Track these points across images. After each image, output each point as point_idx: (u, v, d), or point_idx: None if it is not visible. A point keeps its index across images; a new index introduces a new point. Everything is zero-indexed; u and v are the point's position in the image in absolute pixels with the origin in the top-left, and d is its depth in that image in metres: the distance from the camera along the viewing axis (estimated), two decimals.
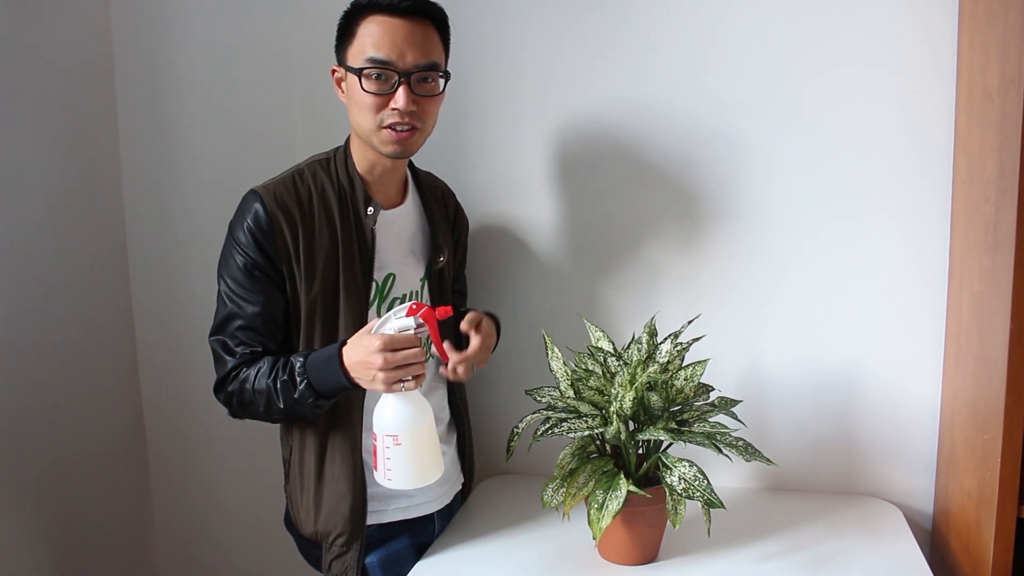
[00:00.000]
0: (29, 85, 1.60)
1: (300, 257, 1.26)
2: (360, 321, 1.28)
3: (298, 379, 1.20)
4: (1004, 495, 1.18)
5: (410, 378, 1.15)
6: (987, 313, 1.26)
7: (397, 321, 1.16)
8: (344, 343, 1.20)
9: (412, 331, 1.15)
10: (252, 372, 1.24)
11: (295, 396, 1.20)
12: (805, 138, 1.51)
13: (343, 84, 1.27)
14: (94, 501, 1.77)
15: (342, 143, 1.35)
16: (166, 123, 1.79)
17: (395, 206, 1.36)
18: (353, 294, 1.28)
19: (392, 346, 1.13)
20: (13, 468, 1.57)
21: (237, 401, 1.26)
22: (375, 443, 1.18)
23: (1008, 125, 1.16)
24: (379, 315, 1.31)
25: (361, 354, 1.15)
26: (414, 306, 1.16)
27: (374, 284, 1.32)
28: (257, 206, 1.24)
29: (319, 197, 1.28)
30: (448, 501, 1.45)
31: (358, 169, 1.30)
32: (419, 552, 1.40)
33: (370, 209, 1.29)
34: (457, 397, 1.46)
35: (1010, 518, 1.19)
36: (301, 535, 1.37)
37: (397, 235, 1.35)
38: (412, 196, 1.40)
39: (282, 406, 1.22)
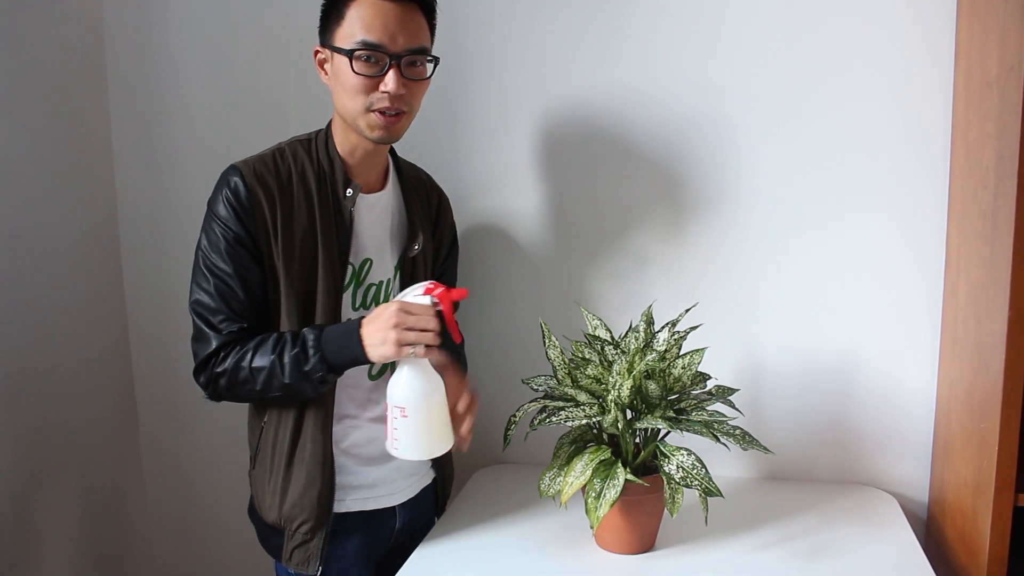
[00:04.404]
0: (17, 73, 1.59)
1: (278, 233, 1.25)
2: (336, 302, 1.28)
3: (311, 351, 1.20)
4: (1001, 483, 1.19)
5: (421, 346, 1.16)
6: (985, 301, 1.26)
7: (414, 298, 1.19)
8: (359, 321, 1.21)
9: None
10: (249, 349, 1.23)
11: (305, 369, 1.20)
12: (800, 125, 1.51)
13: (327, 66, 1.27)
14: (85, 472, 1.76)
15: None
16: (158, 107, 1.78)
17: (375, 191, 1.35)
18: (329, 275, 1.27)
19: (406, 309, 1.16)
20: (1, 431, 1.57)
21: (227, 381, 1.24)
22: (387, 413, 1.22)
23: (1008, 113, 1.16)
24: (354, 300, 1.32)
25: (378, 319, 1.17)
26: (431, 285, 1.19)
27: (350, 267, 1.31)
28: (236, 179, 1.24)
29: (299, 176, 1.28)
30: (413, 495, 1.42)
31: (339, 151, 1.30)
32: (370, 554, 1.39)
33: (349, 190, 1.29)
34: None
35: (1007, 506, 1.19)
36: (264, 523, 1.35)
37: (376, 221, 1.35)
38: (392, 183, 1.39)
39: (287, 380, 1.21)
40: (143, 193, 1.82)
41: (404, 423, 1.19)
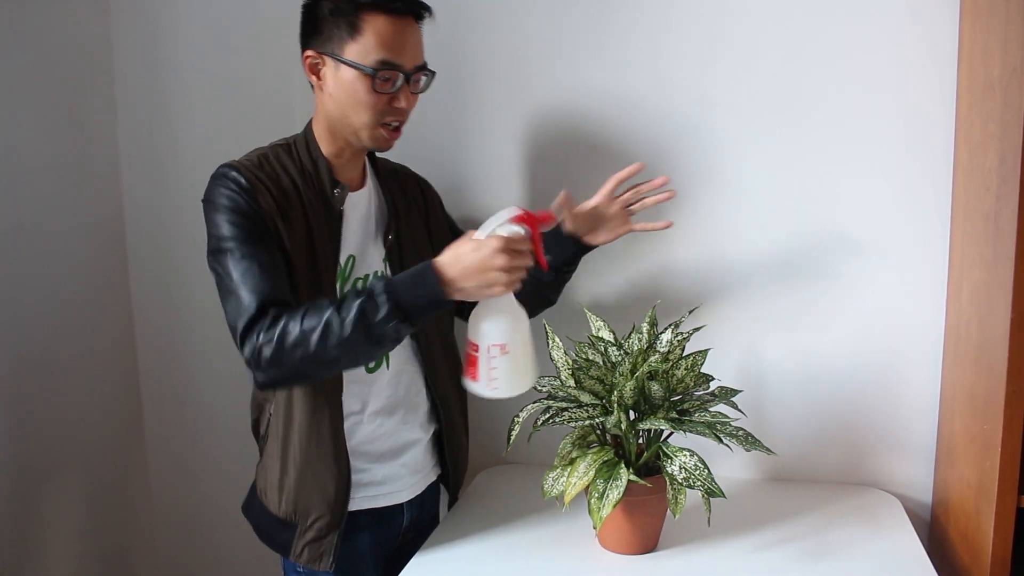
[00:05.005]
0: (25, 74, 1.60)
1: (282, 234, 1.23)
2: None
3: (380, 299, 1.12)
4: (1004, 485, 1.19)
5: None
6: (987, 303, 1.26)
7: (505, 227, 1.16)
8: (430, 262, 1.16)
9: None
10: (301, 311, 1.14)
11: (374, 319, 1.11)
12: (804, 127, 1.51)
13: (322, 71, 1.26)
14: (89, 467, 1.78)
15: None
16: (164, 106, 1.79)
17: (356, 190, 1.37)
18: (325, 274, 1.28)
19: (511, 246, 1.13)
20: (7, 428, 1.58)
21: (275, 347, 1.13)
22: (475, 354, 1.19)
23: (1010, 114, 1.16)
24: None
25: (477, 257, 1.12)
26: (520, 212, 1.16)
27: (337, 266, 1.32)
28: (235, 174, 1.22)
29: (287, 177, 1.28)
30: (420, 491, 1.43)
31: (324, 153, 1.31)
32: (379, 551, 1.39)
33: (337, 190, 1.30)
34: (435, 387, 1.42)
35: (1010, 508, 1.19)
36: (270, 517, 1.34)
37: (359, 217, 1.36)
38: (371, 180, 1.41)
39: (349, 333, 1.11)
40: (149, 191, 1.83)
41: (505, 360, 1.18)
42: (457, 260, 1.14)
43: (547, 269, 1.22)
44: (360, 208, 1.36)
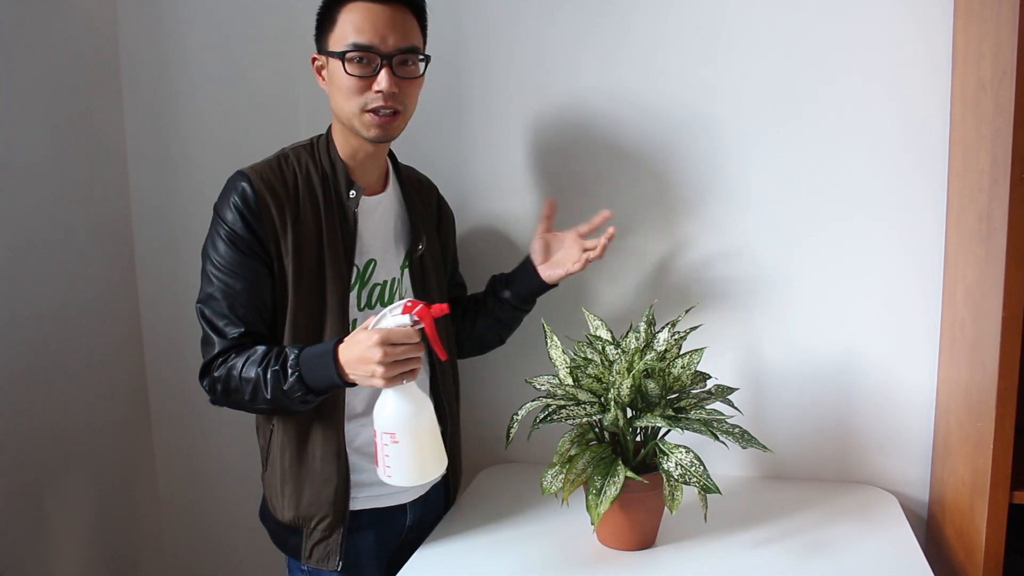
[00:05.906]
0: (33, 76, 1.62)
1: (287, 237, 1.27)
2: (343, 305, 1.31)
3: (289, 371, 1.20)
4: (996, 481, 1.20)
5: (408, 371, 1.16)
6: (980, 302, 1.27)
7: (393, 318, 1.16)
8: (340, 341, 1.20)
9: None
10: (241, 359, 1.24)
11: (283, 388, 1.20)
12: (800, 128, 1.53)
13: (324, 72, 1.30)
14: (98, 470, 1.80)
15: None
16: (171, 110, 1.81)
17: (376, 194, 1.38)
18: (336, 278, 1.30)
19: (390, 340, 1.13)
20: (15, 430, 1.60)
21: (222, 387, 1.26)
22: (375, 439, 1.19)
23: (1001, 116, 1.18)
24: (359, 301, 1.35)
25: (359, 349, 1.15)
26: (409, 303, 1.16)
27: (355, 269, 1.33)
28: (244, 185, 1.26)
29: (304, 179, 1.30)
30: (423, 492, 1.45)
31: (341, 154, 1.33)
32: (382, 550, 1.41)
33: (352, 192, 1.32)
34: (440, 388, 1.44)
35: (1002, 504, 1.20)
36: (279, 523, 1.37)
37: (378, 222, 1.38)
38: (393, 185, 1.42)
39: (268, 396, 1.21)
40: (156, 195, 1.85)
41: (396, 449, 1.17)
42: (348, 348, 1.18)
43: (445, 358, 1.22)
44: (378, 212, 1.38)
